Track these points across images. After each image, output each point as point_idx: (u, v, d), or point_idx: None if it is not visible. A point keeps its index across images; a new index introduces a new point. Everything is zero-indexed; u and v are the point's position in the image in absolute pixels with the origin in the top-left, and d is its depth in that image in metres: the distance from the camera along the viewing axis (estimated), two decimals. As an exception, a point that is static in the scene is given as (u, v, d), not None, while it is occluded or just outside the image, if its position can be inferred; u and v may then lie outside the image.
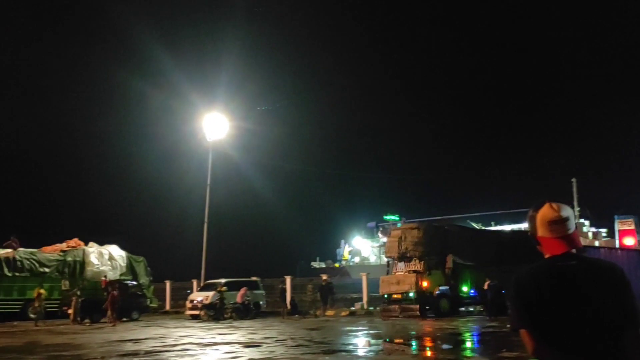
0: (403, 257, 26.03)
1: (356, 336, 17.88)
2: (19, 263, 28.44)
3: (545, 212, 2.45)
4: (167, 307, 36.44)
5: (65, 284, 28.63)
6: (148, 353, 13.80)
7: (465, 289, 26.47)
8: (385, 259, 29.79)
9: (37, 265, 29.12)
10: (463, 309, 27.55)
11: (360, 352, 14.34)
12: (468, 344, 16.01)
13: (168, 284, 37.57)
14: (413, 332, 18.82)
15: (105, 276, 30.09)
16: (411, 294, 24.92)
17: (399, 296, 25.40)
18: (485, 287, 24.91)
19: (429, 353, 14.23)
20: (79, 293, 26.41)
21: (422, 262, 25.37)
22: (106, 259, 31.92)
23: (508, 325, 2.90)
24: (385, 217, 28.04)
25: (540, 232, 2.46)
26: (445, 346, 15.07)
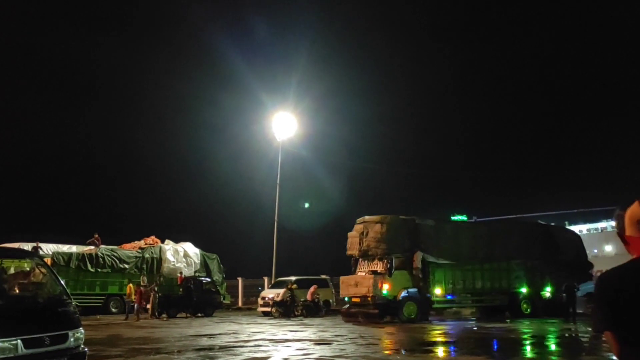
0: (365, 255, 23.21)
1: (427, 336, 17.69)
2: (100, 259, 29.77)
3: (634, 210, 2.35)
4: (240, 303, 37.27)
5: (143, 280, 29.67)
6: (222, 348, 14.17)
7: (438, 291, 23.16)
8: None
9: (117, 261, 30.40)
10: (457, 310, 25.64)
11: (431, 351, 14.18)
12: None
13: (240, 280, 38.41)
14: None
15: (180, 273, 31.06)
16: (369, 298, 22.15)
17: (358, 300, 22.80)
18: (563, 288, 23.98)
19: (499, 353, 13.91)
20: (156, 289, 27.36)
21: (384, 262, 22.51)
22: (181, 256, 32.93)
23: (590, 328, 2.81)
24: (452, 218, 27.31)
25: (629, 231, 2.37)
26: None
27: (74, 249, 30.94)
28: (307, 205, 38.38)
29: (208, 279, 31.46)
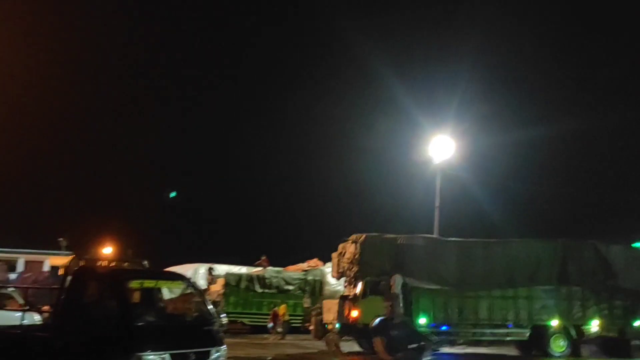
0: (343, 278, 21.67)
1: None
2: (267, 281, 31.29)
3: None
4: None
5: (306, 302, 30.58)
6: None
7: (423, 320, 19.77)
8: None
9: (282, 283, 31.69)
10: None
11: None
12: None
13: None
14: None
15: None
16: (337, 325, 20.13)
17: (331, 326, 20.93)
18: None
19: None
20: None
21: (353, 286, 20.38)
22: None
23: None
24: (633, 245, 24.10)
25: None
26: None
27: (243, 270, 32.88)
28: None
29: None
